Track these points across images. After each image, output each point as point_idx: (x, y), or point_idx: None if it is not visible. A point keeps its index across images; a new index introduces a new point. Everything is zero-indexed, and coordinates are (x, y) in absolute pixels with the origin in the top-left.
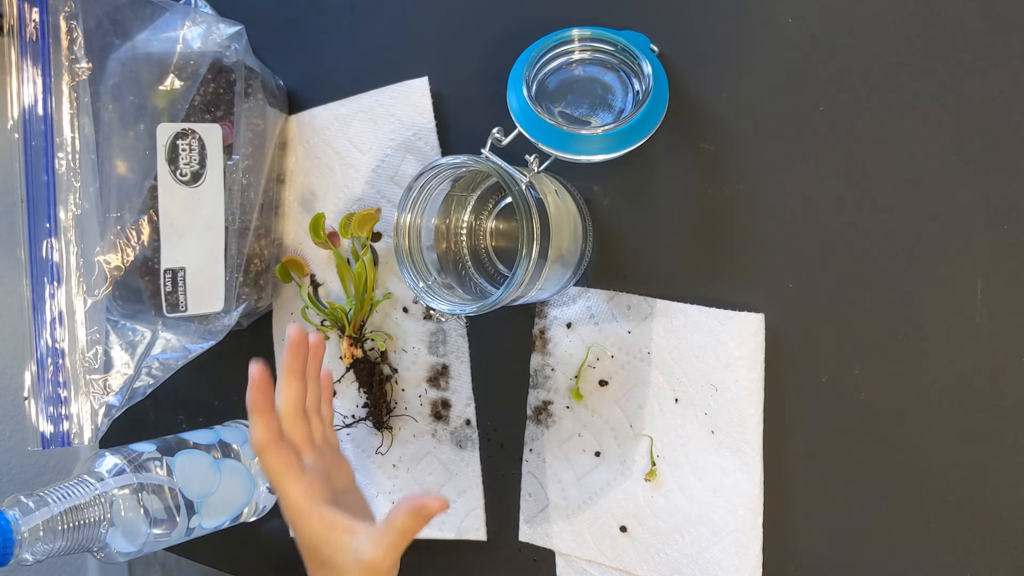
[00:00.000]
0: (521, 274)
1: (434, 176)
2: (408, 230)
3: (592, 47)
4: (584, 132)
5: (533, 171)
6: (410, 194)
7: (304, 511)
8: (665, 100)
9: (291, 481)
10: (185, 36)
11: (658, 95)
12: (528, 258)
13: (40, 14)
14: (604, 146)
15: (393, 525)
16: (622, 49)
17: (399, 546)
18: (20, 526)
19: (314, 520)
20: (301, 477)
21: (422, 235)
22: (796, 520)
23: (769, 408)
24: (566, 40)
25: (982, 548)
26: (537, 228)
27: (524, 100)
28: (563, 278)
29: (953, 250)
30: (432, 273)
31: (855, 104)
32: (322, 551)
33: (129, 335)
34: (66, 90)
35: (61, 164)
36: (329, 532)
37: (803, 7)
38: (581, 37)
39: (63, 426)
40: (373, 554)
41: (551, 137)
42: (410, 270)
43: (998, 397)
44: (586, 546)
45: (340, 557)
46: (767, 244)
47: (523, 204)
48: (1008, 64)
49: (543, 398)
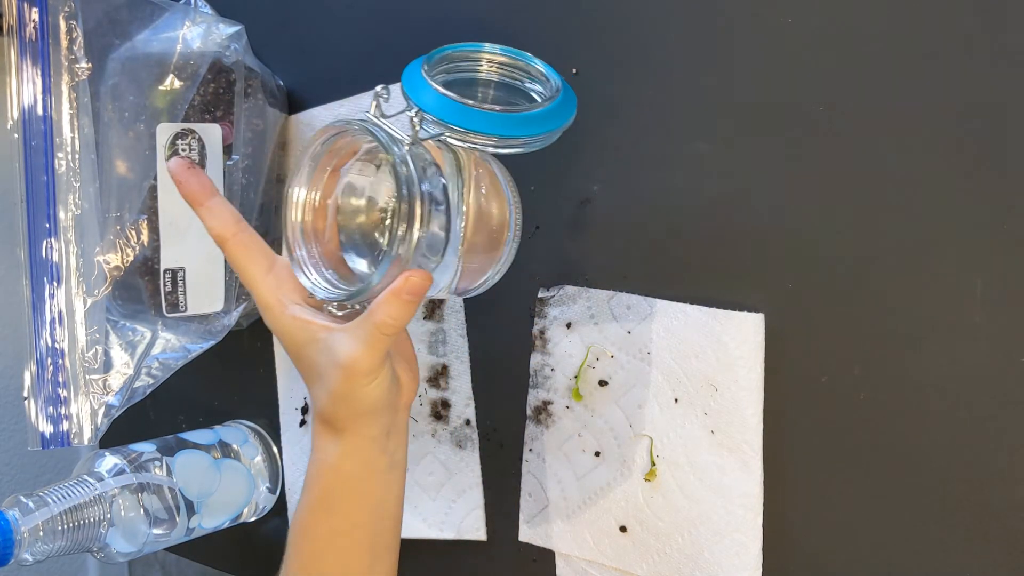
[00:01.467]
0: (394, 259)
1: (323, 145)
2: (300, 204)
3: (501, 67)
4: (485, 108)
5: (416, 128)
6: (308, 159)
7: (274, 310)
8: (573, 104)
9: (257, 276)
10: (185, 36)
11: (567, 95)
12: (405, 241)
13: (40, 14)
14: (503, 127)
15: (368, 316)
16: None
17: (378, 343)
18: (20, 526)
19: (286, 320)
20: (269, 272)
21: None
22: (796, 520)
23: (769, 408)
24: (477, 51)
25: (982, 548)
26: (421, 205)
27: (419, 75)
28: (484, 269)
29: (953, 250)
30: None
31: (855, 104)
32: (300, 352)
33: (129, 335)
34: (66, 90)
35: (61, 164)
36: (304, 331)
37: (803, 7)
38: (491, 54)
39: (63, 426)
40: (351, 352)
41: (446, 109)
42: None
43: (998, 397)
44: (586, 546)
45: (320, 357)
46: (767, 244)
47: (402, 173)
48: (1008, 64)
49: (543, 398)
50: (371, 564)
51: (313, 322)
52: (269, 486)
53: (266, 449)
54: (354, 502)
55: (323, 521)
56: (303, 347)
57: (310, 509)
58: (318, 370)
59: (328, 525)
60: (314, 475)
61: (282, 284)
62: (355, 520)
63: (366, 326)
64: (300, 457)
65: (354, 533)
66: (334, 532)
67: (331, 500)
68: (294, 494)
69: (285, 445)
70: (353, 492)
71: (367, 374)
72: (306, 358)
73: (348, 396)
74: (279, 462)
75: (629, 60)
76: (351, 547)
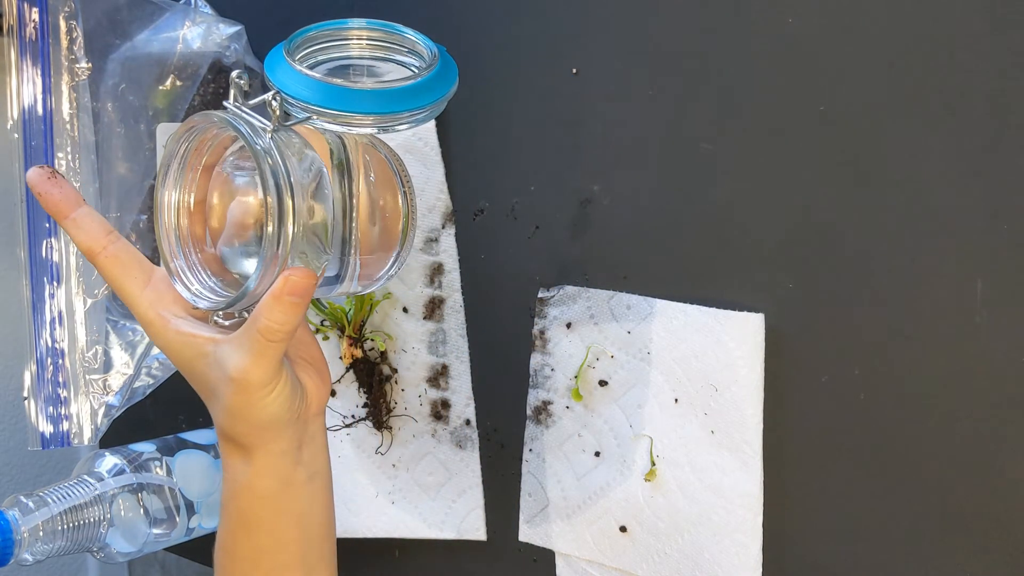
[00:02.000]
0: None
1: (190, 143)
2: (174, 208)
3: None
4: (350, 86)
5: (276, 113)
6: (173, 158)
7: (156, 326)
8: (455, 75)
9: (134, 291)
10: (185, 36)
11: (445, 73)
12: (276, 241)
13: (40, 14)
14: (379, 103)
15: (251, 323)
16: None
17: (267, 351)
18: (20, 526)
19: (170, 336)
20: (146, 286)
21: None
22: (796, 520)
23: (769, 408)
24: (343, 28)
25: (982, 548)
26: (290, 199)
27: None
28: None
29: (953, 250)
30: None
31: (855, 104)
32: (190, 369)
33: (129, 335)
34: (66, 90)
35: (61, 164)
36: (190, 347)
37: (803, 7)
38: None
39: (63, 426)
40: (239, 364)
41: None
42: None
43: (998, 397)
44: (586, 546)
45: (210, 372)
46: (767, 244)
47: (265, 166)
48: (1008, 64)
49: (543, 398)
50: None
51: (199, 335)
52: None
53: None
54: (276, 519)
55: (244, 542)
56: (192, 363)
57: (230, 530)
58: (210, 386)
59: (251, 545)
60: (228, 495)
61: (162, 297)
62: (280, 537)
63: (251, 335)
64: None
65: (281, 550)
66: (259, 551)
67: (250, 520)
68: None
69: None
70: (272, 510)
71: (262, 386)
72: (197, 374)
73: (245, 411)
74: None
75: (629, 60)
76: (279, 565)
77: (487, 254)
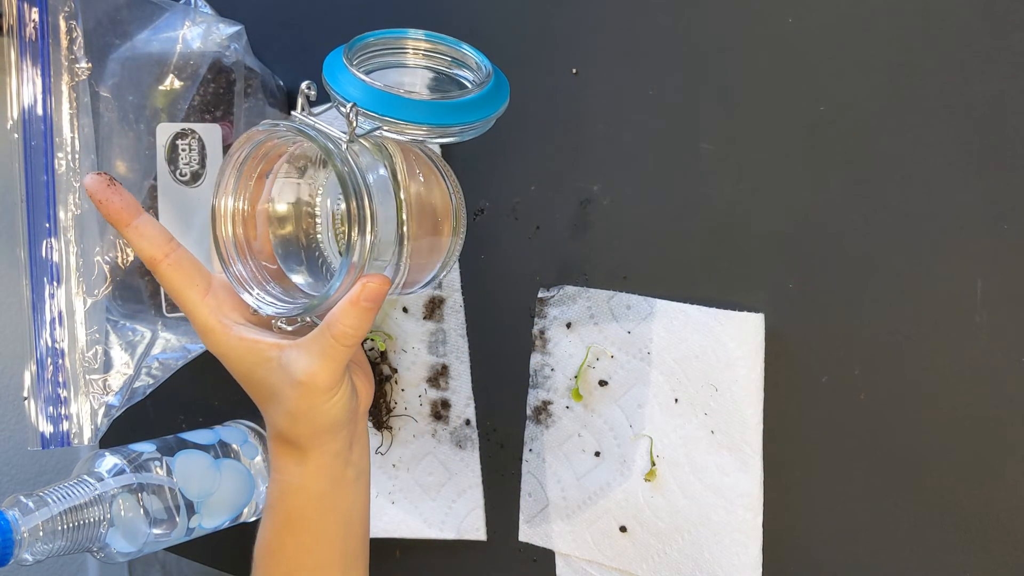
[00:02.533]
0: (348, 268)
1: (249, 151)
2: (231, 217)
3: (428, 53)
4: (410, 96)
5: (354, 124)
6: (231, 168)
7: (218, 333)
8: (503, 100)
9: (195, 299)
10: (185, 36)
11: (498, 90)
12: (361, 249)
13: (40, 14)
14: (435, 115)
15: (326, 328)
16: (457, 55)
17: (338, 356)
18: (20, 526)
19: (232, 343)
20: (207, 293)
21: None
22: (796, 520)
23: (769, 408)
24: (401, 38)
25: (982, 548)
26: (369, 211)
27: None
28: (430, 267)
29: (953, 250)
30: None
31: (855, 104)
32: (251, 374)
33: (129, 335)
34: (66, 90)
35: (61, 164)
36: (253, 352)
37: (803, 7)
38: (416, 40)
39: (63, 426)
40: (308, 368)
41: (374, 99)
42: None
43: (998, 397)
44: (586, 546)
45: (273, 377)
46: (767, 244)
47: (349, 179)
48: (1008, 64)
49: (543, 398)
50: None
51: (261, 341)
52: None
53: (266, 449)
54: (323, 518)
55: (290, 541)
56: (253, 368)
57: (275, 530)
58: (271, 391)
59: (296, 544)
60: (277, 496)
61: (222, 304)
62: (324, 536)
63: (323, 340)
64: None
65: (323, 548)
66: (303, 550)
67: (298, 519)
68: None
69: None
70: (321, 509)
71: (328, 390)
72: (257, 379)
73: (308, 414)
74: None
75: (629, 60)
76: (321, 563)
77: (487, 254)
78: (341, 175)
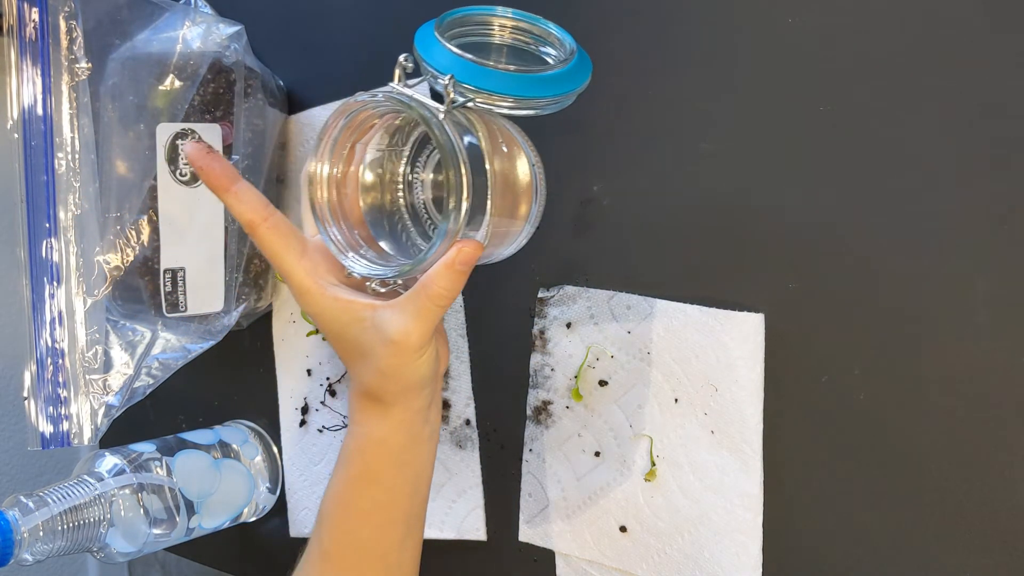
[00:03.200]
0: (446, 233)
1: (346, 121)
2: (326, 182)
3: (513, 30)
4: (501, 68)
5: (450, 96)
6: (327, 138)
7: (314, 293)
8: (586, 76)
9: (292, 261)
10: (185, 36)
11: (581, 67)
12: (456, 215)
13: (40, 14)
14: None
15: (421, 289)
16: (541, 32)
17: (431, 316)
18: (20, 526)
19: (327, 303)
20: (303, 256)
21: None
22: (796, 520)
23: (769, 408)
24: (489, 15)
25: (982, 548)
26: (466, 179)
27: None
28: (512, 236)
29: (953, 249)
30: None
31: (855, 104)
32: (344, 333)
33: (129, 335)
34: (66, 90)
35: (61, 164)
36: (347, 312)
37: (803, 7)
38: (504, 17)
39: (63, 426)
40: (403, 327)
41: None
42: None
43: (998, 397)
44: (586, 546)
45: (365, 336)
46: (767, 244)
47: (449, 147)
48: (1008, 64)
49: (543, 398)
50: (404, 537)
51: (356, 301)
52: (269, 486)
53: (266, 449)
54: (397, 473)
55: (364, 493)
56: (347, 327)
57: (350, 481)
58: (363, 349)
59: (369, 497)
60: (355, 449)
61: (317, 267)
62: (396, 490)
63: (419, 300)
64: (300, 457)
65: (393, 504)
66: (375, 504)
67: (374, 472)
68: (294, 494)
69: (285, 445)
70: (397, 463)
71: (418, 348)
72: (350, 338)
73: (398, 371)
74: (279, 462)
75: (629, 61)
76: (389, 519)
77: None
78: (441, 144)
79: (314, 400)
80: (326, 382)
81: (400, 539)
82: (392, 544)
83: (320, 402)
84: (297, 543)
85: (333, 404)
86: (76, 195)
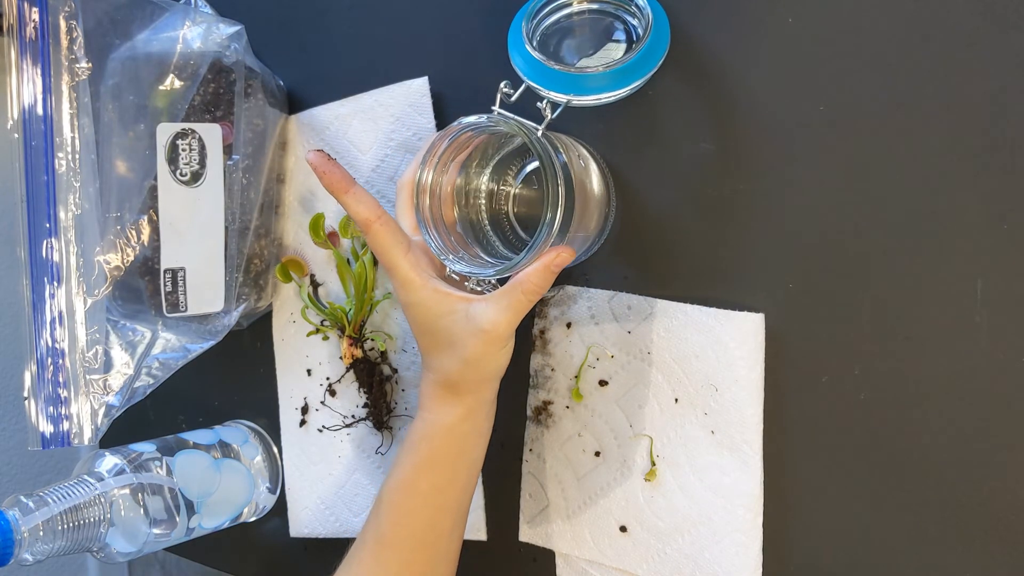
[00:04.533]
0: (544, 238)
1: (456, 136)
2: (430, 190)
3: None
4: (588, 71)
5: (547, 118)
6: (434, 153)
7: (416, 284)
8: (667, 37)
9: (399, 255)
10: (185, 36)
11: (659, 31)
12: (552, 223)
13: (40, 14)
14: (609, 83)
15: (516, 285)
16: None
17: (520, 308)
18: (20, 526)
19: (426, 294)
20: (408, 251)
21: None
22: (796, 520)
23: (769, 408)
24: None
25: (982, 548)
26: (562, 191)
27: (527, 52)
28: (587, 241)
29: (953, 250)
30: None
31: (855, 104)
32: (436, 324)
33: (129, 335)
34: (66, 90)
35: (61, 164)
36: (443, 304)
37: (803, 7)
38: None
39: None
40: (494, 319)
41: (559, 82)
42: (431, 231)
43: (998, 397)
44: (586, 546)
45: (456, 327)
46: (767, 244)
47: (548, 163)
48: (1008, 64)
49: (543, 398)
50: (453, 527)
51: (452, 294)
52: (269, 486)
53: (266, 449)
54: (458, 459)
55: (426, 478)
56: (440, 318)
57: (415, 467)
58: (452, 339)
59: (429, 481)
60: (423, 436)
61: (419, 262)
62: (455, 478)
63: (512, 295)
64: (300, 457)
65: (451, 490)
66: (435, 489)
67: (439, 458)
68: (294, 494)
69: (285, 445)
70: (459, 450)
71: (505, 339)
72: (442, 328)
73: (481, 360)
74: (279, 462)
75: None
76: (444, 504)
77: None
78: (543, 160)
79: (314, 400)
80: (326, 382)
81: (450, 528)
82: (443, 532)
83: (320, 402)
84: (297, 543)
85: (333, 404)
86: (76, 195)
